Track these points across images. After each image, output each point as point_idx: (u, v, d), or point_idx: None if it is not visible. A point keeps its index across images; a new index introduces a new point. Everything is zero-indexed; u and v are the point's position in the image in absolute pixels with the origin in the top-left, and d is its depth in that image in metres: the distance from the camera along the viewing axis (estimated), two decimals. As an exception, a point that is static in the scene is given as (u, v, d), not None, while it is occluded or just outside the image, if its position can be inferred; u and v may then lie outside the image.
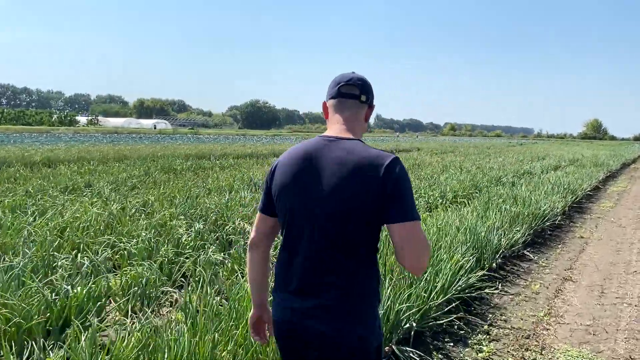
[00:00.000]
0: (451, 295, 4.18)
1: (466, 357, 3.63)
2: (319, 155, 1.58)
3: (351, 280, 1.56)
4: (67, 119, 72.71)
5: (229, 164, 14.06)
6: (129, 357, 2.61)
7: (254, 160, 16.08)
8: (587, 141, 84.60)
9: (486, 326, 4.16)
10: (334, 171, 1.53)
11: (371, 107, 1.76)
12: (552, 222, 8.05)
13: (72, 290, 3.47)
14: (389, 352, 3.39)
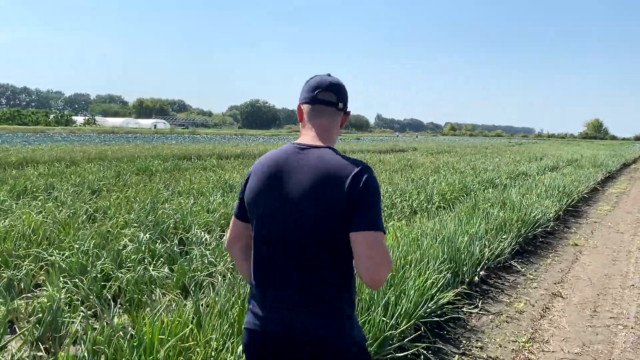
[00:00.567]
0: (418, 319, 3.63)
1: (429, 396, 3.07)
2: (289, 163, 1.58)
3: (325, 289, 1.55)
4: (64, 119, 72.17)
5: (211, 164, 13.50)
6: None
7: (240, 161, 15.53)
8: (588, 141, 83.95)
9: (457, 356, 3.60)
10: (303, 179, 1.53)
11: (347, 114, 1.74)
12: (544, 228, 7.49)
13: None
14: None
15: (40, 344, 3.13)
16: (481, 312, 4.46)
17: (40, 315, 3.20)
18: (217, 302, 3.23)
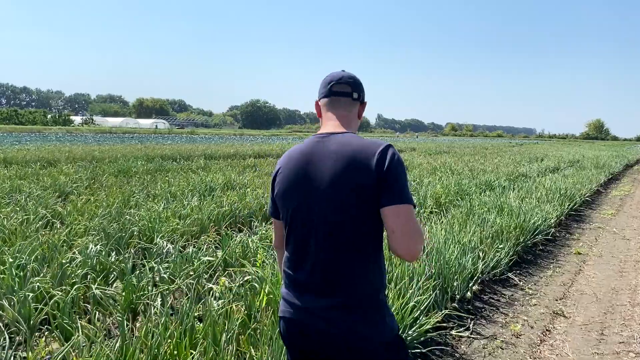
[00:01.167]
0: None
1: None
2: (314, 153, 1.61)
3: (357, 276, 1.56)
4: (62, 118, 71.66)
5: (198, 165, 12.95)
6: None
7: (229, 161, 14.97)
8: (589, 141, 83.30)
9: (441, 395, 3.06)
10: (330, 165, 1.55)
11: (363, 104, 1.78)
12: (544, 236, 6.94)
13: None
14: None
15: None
16: (472, 337, 3.91)
17: None
18: (150, 332, 2.69)
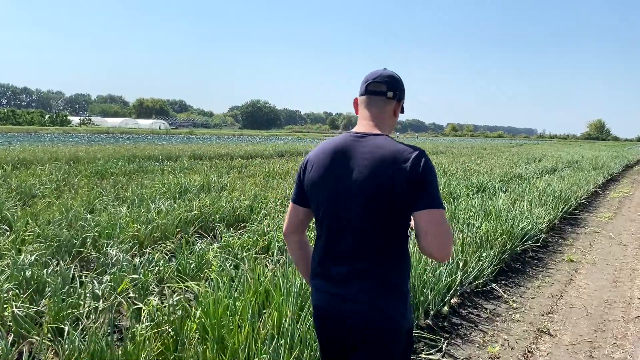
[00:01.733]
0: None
1: None
2: (348, 150, 1.67)
3: (385, 267, 1.65)
4: (59, 119, 71.26)
5: (181, 166, 12.54)
6: None
7: (215, 162, 14.53)
8: (590, 142, 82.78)
9: None
10: (364, 164, 1.62)
11: (399, 102, 1.80)
12: (535, 241, 6.51)
13: None
14: None
15: None
16: (444, 360, 3.48)
17: None
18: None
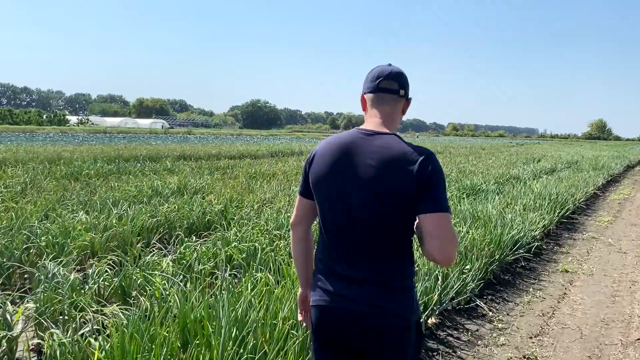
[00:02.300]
0: None
1: None
2: (356, 147, 1.65)
3: (387, 266, 1.63)
4: (57, 118, 70.74)
5: (164, 167, 12.04)
6: None
7: (200, 163, 14.00)
8: (591, 141, 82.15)
9: None
10: (370, 164, 1.60)
11: (408, 100, 1.80)
12: (527, 250, 6.02)
13: None
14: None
15: None
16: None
17: None
18: None
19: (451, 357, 3.53)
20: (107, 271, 4.01)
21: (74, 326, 2.89)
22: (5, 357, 2.85)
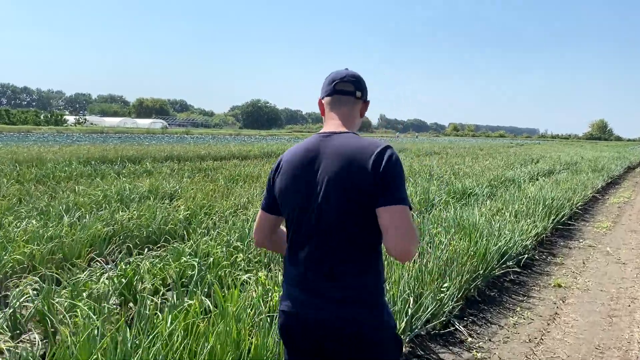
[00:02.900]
0: None
1: None
2: (316, 151, 1.64)
3: (357, 270, 1.59)
4: (54, 118, 70.34)
5: (144, 169, 11.52)
6: None
7: (184, 164, 13.49)
8: (592, 142, 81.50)
9: None
10: (330, 165, 1.59)
11: (366, 103, 1.81)
12: (517, 262, 5.51)
13: None
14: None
15: None
16: None
17: None
18: None
19: (418, 396, 3.02)
20: (32, 292, 3.51)
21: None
22: None
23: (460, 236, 5.25)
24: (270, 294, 3.20)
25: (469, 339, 3.83)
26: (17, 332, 3.27)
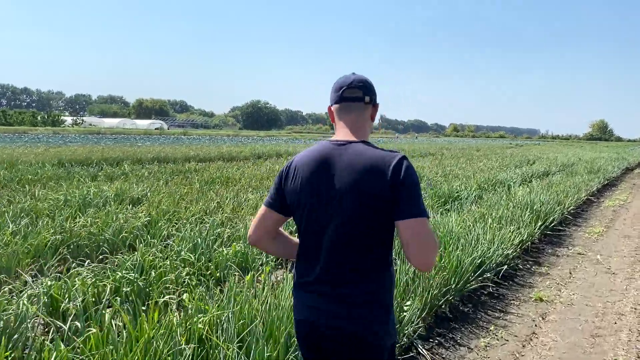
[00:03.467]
0: None
1: None
2: (330, 159, 1.63)
3: (368, 279, 1.60)
4: (51, 119, 69.98)
5: (122, 171, 11.09)
6: None
7: (166, 166, 13.07)
8: (592, 142, 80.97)
9: None
10: (345, 174, 1.59)
11: (375, 106, 1.78)
12: (497, 273, 5.11)
13: None
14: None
15: None
16: None
17: None
18: None
19: None
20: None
21: None
22: None
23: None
24: (196, 318, 2.79)
25: (432, 365, 3.42)
26: None
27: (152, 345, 2.43)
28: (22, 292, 3.65)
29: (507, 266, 5.32)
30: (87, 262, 4.42)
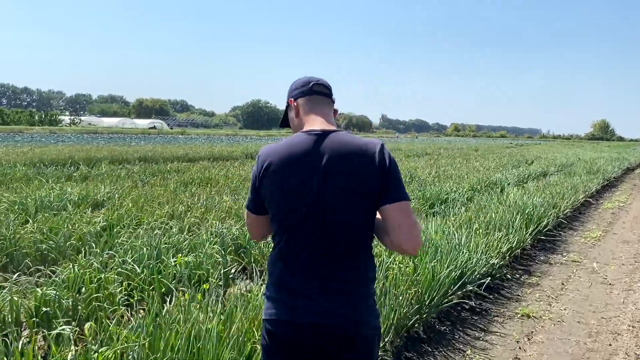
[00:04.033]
0: None
1: None
2: (311, 150, 1.57)
3: (354, 272, 1.58)
4: (48, 118, 69.57)
5: (98, 171, 10.60)
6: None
7: (142, 166, 12.60)
8: (594, 142, 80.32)
9: None
10: (334, 164, 1.54)
11: (336, 110, 1.80)
12: (480, 285, 4.62)
13: None
14: None
15: None
16: None
17: None
18: None
19: None
20: None
21: None
22: None
23: (409, 256, 4.35)
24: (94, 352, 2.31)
25: (394, 399, 2.94)
26: None
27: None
28: None
29: (491, 278, 4.83)
30: (16, 274, 3.95)
